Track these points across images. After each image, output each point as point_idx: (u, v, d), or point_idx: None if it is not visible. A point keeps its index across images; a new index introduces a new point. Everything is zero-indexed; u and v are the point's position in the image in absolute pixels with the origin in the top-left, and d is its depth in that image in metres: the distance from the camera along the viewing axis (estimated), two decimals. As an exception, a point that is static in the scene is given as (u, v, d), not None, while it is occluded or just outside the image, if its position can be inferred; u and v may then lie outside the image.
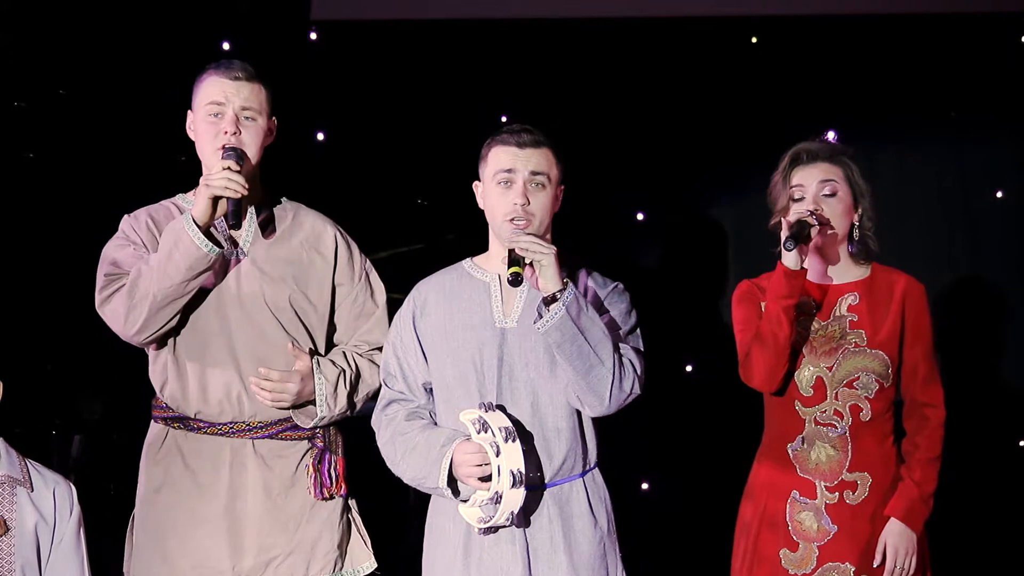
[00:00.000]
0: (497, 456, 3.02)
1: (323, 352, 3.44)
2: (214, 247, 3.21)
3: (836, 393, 3.36)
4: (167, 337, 3.34)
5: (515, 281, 3.06)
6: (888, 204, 4.36)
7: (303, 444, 3.40)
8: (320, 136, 5.17)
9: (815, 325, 3.40)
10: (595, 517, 3.21)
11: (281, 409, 3.35)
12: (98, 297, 3.33)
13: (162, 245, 3.25)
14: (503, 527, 3.13)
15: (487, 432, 3.06)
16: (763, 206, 3.52)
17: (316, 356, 3.39)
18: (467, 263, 3.34)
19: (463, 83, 5.08)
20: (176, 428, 3.38)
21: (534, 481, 3.14)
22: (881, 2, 4.99)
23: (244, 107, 3.33)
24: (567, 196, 3.31)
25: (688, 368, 5.03)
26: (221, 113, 3.32)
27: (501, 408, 3.13)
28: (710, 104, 5.01)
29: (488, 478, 3.04)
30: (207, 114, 3.33)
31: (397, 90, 5.11)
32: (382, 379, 3.33)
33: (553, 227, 3.26)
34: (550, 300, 3.07)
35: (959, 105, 4.97)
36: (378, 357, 3.42)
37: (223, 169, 3.21)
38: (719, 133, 4.99)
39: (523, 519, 3.13)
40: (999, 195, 5.00)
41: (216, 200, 3.22)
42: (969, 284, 5.00)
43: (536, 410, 3.18)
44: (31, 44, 5.01)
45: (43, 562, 3.23)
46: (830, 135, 3.81)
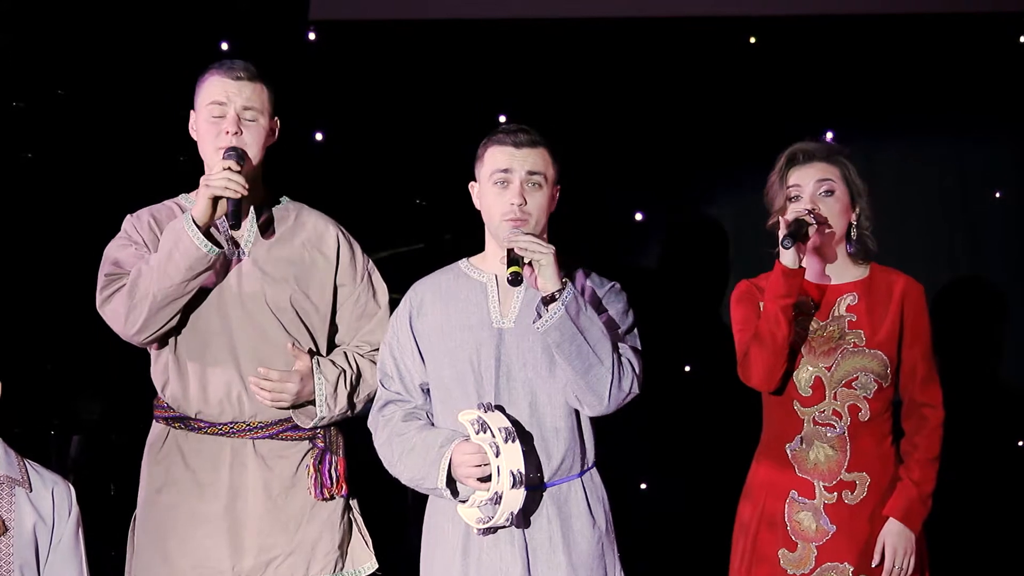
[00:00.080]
0: (497, 456, 3.01)
1: (324, 353, 3.44)
2: (214, 247, 3.21)
3: (835, 393, 3.36)
4: (168, 337, 3.34)
5: (515, 281, 3.05)
6: (888, 204, 4.36)
7: (304, 444, 3.40)
8: (319, 136, 5.17)
9: (814, 325, 3.40)
10: (593, 517, 3.21)
11: (281, 409, 3.35)
12: (99, 297, 3.33)
13: (162, 245, 3.25)
14: (502, 527, 3.12)
15: (486, 432, 3.05)
16: (762, 206, 3.52)
17: (316, 356, 3.38)
18: (463, 263, 3.33)
19: (462, 83, 5.07)
20: (177, 428, 3.38)
21: (533, 481, 3.13)
22: (881, 2, 4.98)
23: (246, 107, 3.32)
24: (566, 196, 3.30)
25: (687, 368, 5.03)
26: (223, 113, 3.31)
27: (500, 408, 3.13)
28: (709, 104, 5.01)
29: (487, 478, 3.04)
30: (209, 114, 3.33)
31: (396, 90, 5.11)
32: (379, 380, 3.33)
33: (551, 227, 3.26)
34: (549, 300, 3.06)
35: (959, 105, 4.96)
36: (380, 358, 3.42)
37: (223, 169, 3.21)
38: (718, 133, 4.99)
39: (522, 519, 3.13)
40: (998, 195, 5.00)
41: (216, 200, 3.22)
42: (969, 284, 4.99)
43: (534, 410, 3.17)
44: (30, 44, 5.01)
45: (42, 563, 3.22)
46: (828, 136, 3.81)
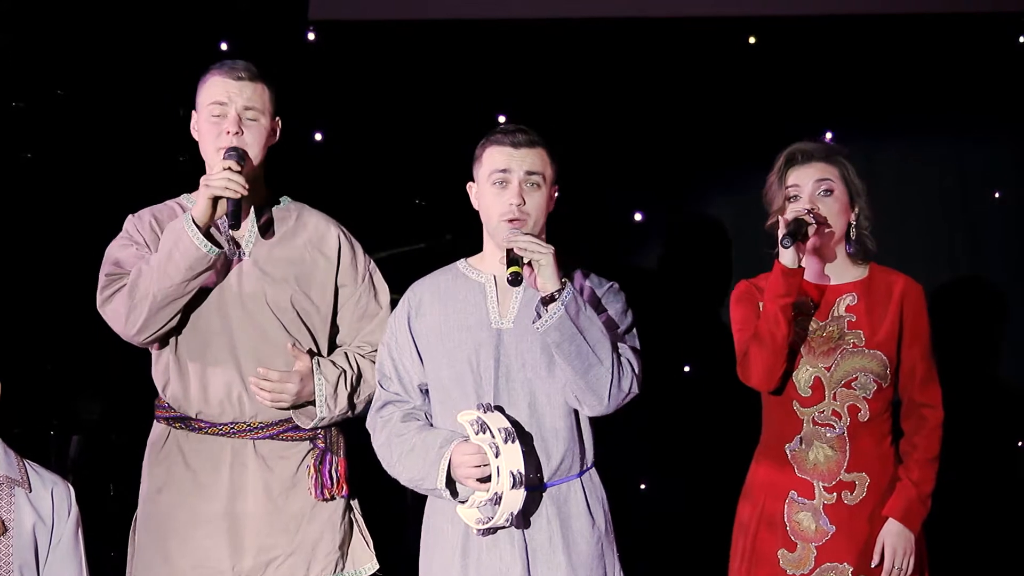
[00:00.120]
0: (496, 457, 3.01)
1: (325, 353, 3.43)
2: (213, 247, 3.21)
3: (834, 393, 3.36)
4: (169, 337, 3.34)
5: (515, 281, 3.05)
6: (888, 204, 4.36)
7: (304, 445, 3.40)
8: (318, 136, 5.17)
9: (813, 325, 3.40)
10: (593, 517, 3.20)
11: (281, 409, 3.35)
12: (100, 297, 3.33)
13: (162, 245, 3.25)
14: (502, 528, 3.12)
15: (486, 433, 3.05)
16: (762, 206, 3.52)
17: (316, 357, 3.38)
18: (461, 264, 3.33)
19: (461, 83, 5.07)
20: (178, 428, 3.37)
21: (533, 482, 3.13)
22: (881, 2, 4.98)
23: (247, 107, 3.32)
24: (566, 196, 3.30)
25: (686, 368, 5.02)
26: (223, 113, 3.31)
27: (499, 409, 3.13)
28: (709, 104, 5.00)
29: (487, 479, 3.04)
30: (210, 114, 3.33)
31: (395, 90, 5.11)
32: (377, 380, 3.32)
33: (551, 227, 3.26)
34: (548, 300, 3.06)
35: (959, 105, 4.96)
36: (381, 358, 3.42)
37: (224, 169, 3.21)
38: (718, 133, 4.99)
39: (522, 520, 3.13)
40: (998, 195, 5.00)
41: (216, 200, 3.22)
42: (968, 284, 4.99)
43: (534, 410, 3.17)
44: (30, 44, 5.01)
45: (41, 563, 3.22)
46: (827, 136, 3.81)
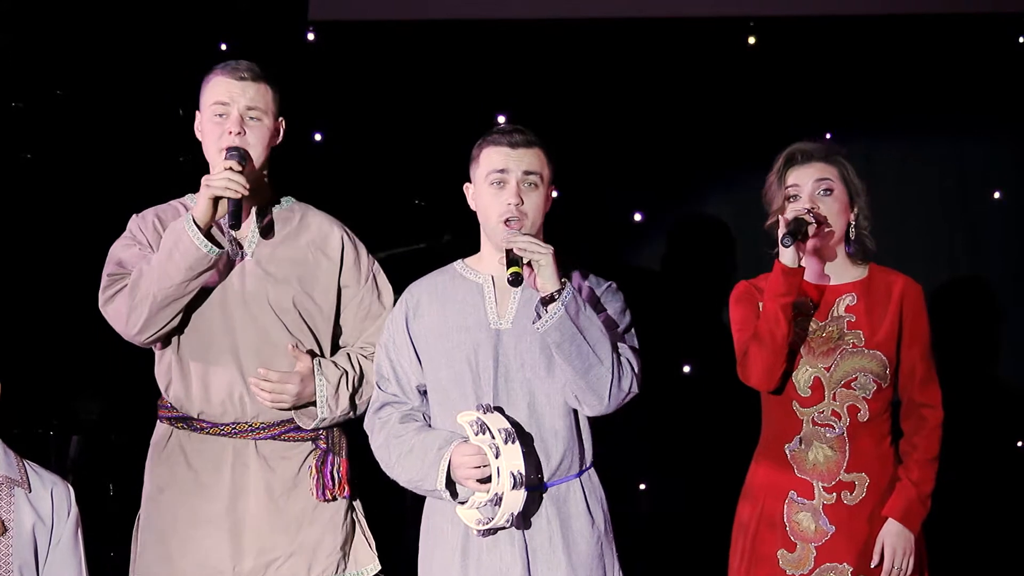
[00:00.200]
0: (497, 458, 3.01)
1: (328, 354, 3.43)
2: (214, 247, 3.20)
3: (834, 394, 3.36)
4: (171, 337, 3.34)
5: (515, 281, 3.05)
6: (888, 204, 4.37)
7: (306, 445, 3.39)
8: (318, 137, 5.17)
9: (813, 325, 3.40)
10: (592, 517, 3.20)
11: (282, 410, 3.34)
12: (101, 297, 3.33)
13: (163, 245, 3.25)
14: (502, 529, 3.12)
15: (485, 434, 3.05)
16: (762, 206, 3.52)
17: (318, 357, 3.37)
18: (459, 264, 3.33)
19: (461, 83, 5.07)
20: (180, 428, 3.37)
21: (533, 482, 3.13)
22: (881, 2, 4.98)
23: (249, 107, 3.32)
24: (566, 196, 3.30)
25: (686, 368, 5.03)
26: (226, 113, 3.31)
27: (499, 410, 3.12)
28: (709, 104, 5.01)
29: (487, 480, 3.04)
30: (212, 114, 3.33)
31: (395, 91, 5.11)
32: (375, 381, 3.32)
33: (550, 227, 3.25)
34: (548, 300, 3.06)
35: (959, 105, 4.96)
36: (384, 359, 3.41)
37: (225, 169, 3.21)
38: (718, 133, 4.99)
39: (522, 520, 3.12)
40: (998, 195, 5.00)
41: (217, 200, 3.22)
42: (968, 284, 5.00)
43: (533, 411, 3.17)
44: (30, 44, 5.01)
45: (41, 563, 3.22)
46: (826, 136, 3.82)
